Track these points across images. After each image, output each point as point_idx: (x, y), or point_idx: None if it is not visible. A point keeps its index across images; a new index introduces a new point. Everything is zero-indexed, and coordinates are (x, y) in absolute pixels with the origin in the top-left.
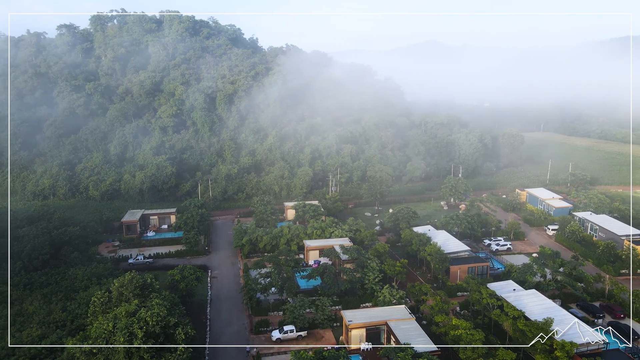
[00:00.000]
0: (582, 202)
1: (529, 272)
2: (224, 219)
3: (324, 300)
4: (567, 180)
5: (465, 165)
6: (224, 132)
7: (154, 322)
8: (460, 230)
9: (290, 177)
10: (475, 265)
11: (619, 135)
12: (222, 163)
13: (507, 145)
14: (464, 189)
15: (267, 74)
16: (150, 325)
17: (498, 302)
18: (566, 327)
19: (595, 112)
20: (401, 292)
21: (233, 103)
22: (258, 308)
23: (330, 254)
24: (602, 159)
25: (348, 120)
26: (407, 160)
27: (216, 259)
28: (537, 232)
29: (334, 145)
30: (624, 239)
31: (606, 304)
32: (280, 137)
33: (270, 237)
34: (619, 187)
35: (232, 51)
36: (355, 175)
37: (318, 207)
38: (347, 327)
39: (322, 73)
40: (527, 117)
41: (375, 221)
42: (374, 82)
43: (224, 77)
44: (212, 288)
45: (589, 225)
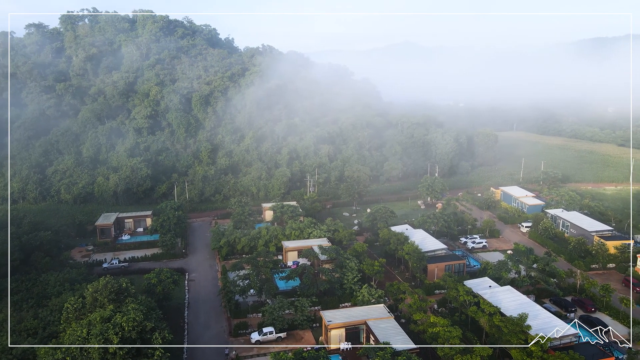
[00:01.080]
0: (554, 200)
1: (504, 269)
2: (201, 221)
3: (303, 301)
4: (540, 179)
5: (441, 165)
6: (201, 133)
7: (129, 327)
8: (437, 229)
9: (267, 178)
10: (452, 263)
11: (588, 134)
12: (198, 164)
13: (482, 144)
14: (440, 188)
15: (244, 75)
16: (126, 330)
17: (474, 299)
18: (540, 322)
19: (566, 111)
20: (380, 292)
21: (209, 104)
22: (237, 310)
23: (309, 255)
24: (573, 157)
25: (325, 120)
26: (385, 160)
27: (194, 262)
28: (512, 229)
29: (311, 145)
30: (593, 235)
31: (578, 299)
32: (258, 138)
33: (249, 238)
34: (589, 184)
35: (207, 51)
36: (333, 176)
37: (296, 208)
38: (327, 327)
39: (299, 73)
40: (501, 116)
41: (354, 221)
42: (351, 83)
43: (199, 78)
44: (190, 291)
45: (561, 222)
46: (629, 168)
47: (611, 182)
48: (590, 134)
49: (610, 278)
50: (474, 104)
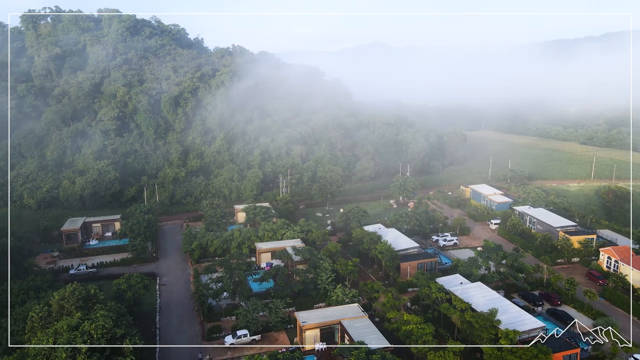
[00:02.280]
0: (521, 197)
1: (475, 266)
2: (172, 224)
3: (277, 303)
4: (507, 176)
5: (412, 164)
6: (170, 135)
7: (98, 334)
8: (410, 228)
9: (239, 180)
10: (425, 261)
11: (552, 132)
12: (168, 166)
13: (452, 143)
14: (412, 187)
15: (214, 76)
16: (95, 338)
17: (446, 296)
18: (509, 317)
19: (531, 111)
20: (354, 291)
21: (179, 105)
22: (210, 314)
23: (283, 256)
24: (539, 156)
25: (297, 121)
26: (357, 160)
27: (165, 266)
28: (481, 226)
29: (283, 146)
30: (559, 231)
31: (545, 292)
32: (229, 139)
33: (221, 241)
34: (554, 181)
35: (176, 52)
36: (306, 176)
37: (269, 209)
38: (301, 328)
39: (270, 74)
40: (470, 116)
41: (327, 221)
42: (322, 83)
43: (168, 79)
44: (161, 296)
45: (528, 218)
46: (591, 165)
47: (574, 179)
48: (555, 133)
49: (574, 272)
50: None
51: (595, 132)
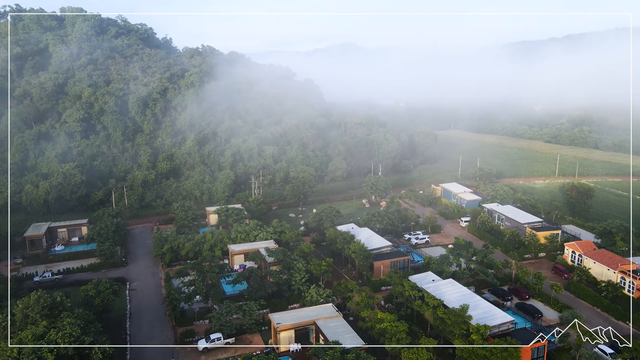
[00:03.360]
0: (490, 195)
1: (446, 263)
2: (142, 228)
3: (251, 305)
4: (476, 175)
5: (384, 164)
6: (139, 136)
7: (66, 343)
8: (382, 227)
9: (211, 181)
10: (397, 260)
11: (519, 131)
12: (137, 169)
13: (423, 143)
14: (384, 186)
15: (183, 76)
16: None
17: (419, 293)
18: (480, 312)
19: (498, 110)
20: (328, 291)
21: (147, 106)
22: (182, 318)
23: (256, 257)
24: (506, 154)
25: (269, 122)
26: (329, 160)
27: (135, 270)
28: (452, 224)
29: (255, 147)
30: (526, 227)
31: (513, 287)
32: (200, 140)
33: (193, 243)
34: (521, 179)
35: (144, 52)
36: (278, 177)
37: (241, 211)
38: (276, 329)
39: (241, 75)
40: (440, 115)
41: (300, 222)
42: (293, 84)
43: (136, 79)
44: (132, 301)
45: (496, 215)
46: (556, 163)
47: (540, 176)
48: (521, 132)
49: (541, 266)
50: (414, 103)
51: (559, 130)
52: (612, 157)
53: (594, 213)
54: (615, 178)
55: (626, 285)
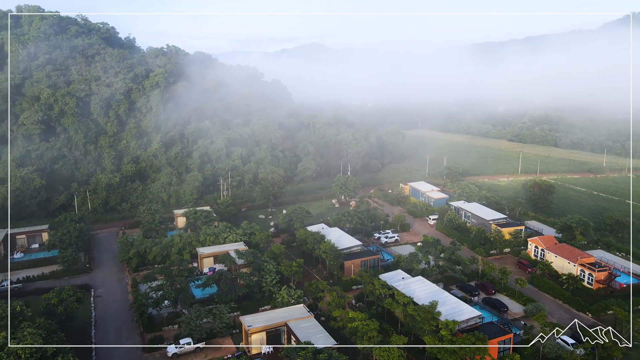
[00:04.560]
0: (457, 193)
1: (415, 261)
2: (107, 232)
3: (222, 308)
4: (443, 173)
5: (353, 163)
6: (102, 138)
7: (27, 354)
8: (352, 226)
9: (178, 184)
10: (367, 259)
11: (483, 130)
12: (101, 172)
13: (390, 142)
14: (353, 186)
15: (148, 76)
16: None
17: (389, 292)
18: (449, 308)
19: (463, 110)
20: (299, 292)
21: (111, 107)
22: (150, 324)
23: (226, 260)
24: (471, 153)
25: (237, 123)
26: (298, 161)
27: (100, 277)
28: (420, 222)
29: (223, 148)
30: (491, 223)
31: (480, 283)
32: (166, 142)
33: (160, 247)
34: (486, 177)
35: (106, 51)
36: (247, 178)
37: (210, 213)
38: (247, 332)
39: (207, 75)
40: (407, 115)
41: (270, 223)
42: (261, 84)
43: (98, 80)
44: (97, 308)
45: (463, 213)
46: (518, 161)
47: (504, 174)
48: (485, 131)
49: (506, 261)
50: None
51: (521, 129)
52: (570, 155)
53: (554, 209)
54: (574, 175)
55: (585, 278)
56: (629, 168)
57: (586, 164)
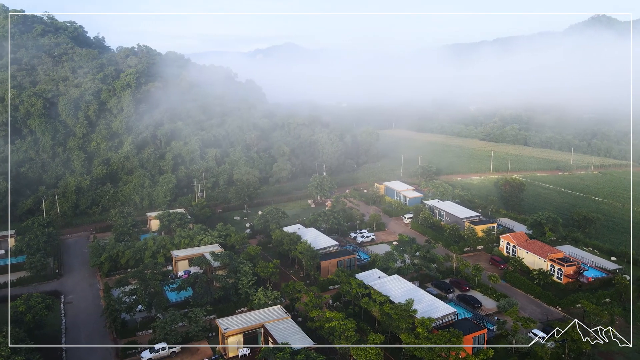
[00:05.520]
0: (431, 192)
1: (391, 259)
2: (77, 237)
3: (197, 311)
4: (418, 172)
5: (328, 164)
6: (71, 140)
7: None
8: (328, 226)
9: (151, 186)
10: (344, 258)
11: (455, 130)
12: (70, 175)
13: (365, 142)
14: (329, 186)
15: (118, 77)
16: None
17: (366, 291)
18: (424, 305)
19: (436, 109)
20: (276, 293)
21: (80, 108)
22: (124, 329)
23: (201, 263)
24: (444, 152)
25: (211, 123)
26: (273, 162)
27: (70, 282)
28: (396, 221)
29: (197, 149)
30: (465, 221)
31: (455, 280)
32: (138, 143)
33: (133, 251)
34: (459, 175)
35: (74, 51)
36: (222, 180)
37: (184, 215)
38: (224, 335)
39: (180, 75)
40: (381, 115)
41: (245, 224)
42: (235, 84)
43: (66, 80)
44: (67, 315)
45: (437, 211)
46: (490, 159)
47: (476, 172)
48: (458, 130)
49: (479, 258)
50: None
51: (492, 129)
52: (540, 153)
53: (525, 206)
54: (543, 172)
55: (555, 272)
56: (594, 165)
57: (555, 162)
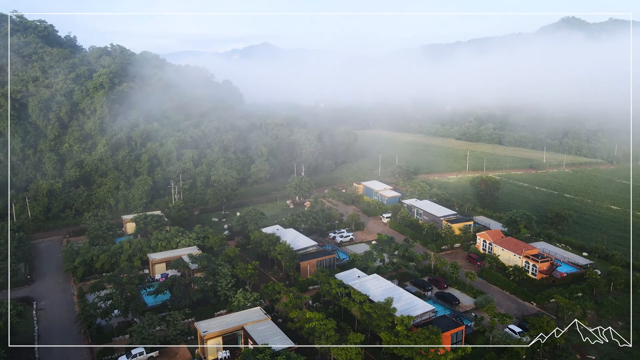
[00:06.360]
0: (409, 191)
1: (370, 259)
2: (49, 241)
3: (175, 315)
4: (395, 172)
5: (307, 164)
6: (42, 142)
7: None
8: (307, 227)
9: (127, 188)
10: (323, 259)
11: (432, 129)
12: (42, 178)
13: (343, 142)
14: (307, 186)
15: (91, 77)
16: None
17: (346, 290)
18: (404, 303)
19: (413, 109)
20: (255, 294)
21: (51, 109)
22: (99, 335)
23: (178, 265)
24: (421, 151)
25: (187, 124)
26: (251, 162)
27: (42, 288)
28: (374, 221)
29: (174, 151)
30: (442, 220)
31: (433, 278)
32: (112, 145)
33: (108, 255)
34: (436, 174)
35: (44, 50)
36: (199, 181)
37: (161, 217)
38: (202, 338)
39: (155, 75)
40: (359, 115)
41: (224, 226)
42: (212, 85)
43: (36, 80)
44: (40, 322)
45: (415, 210)
46: (466, 158)
47: (453, 171)
48: (434, 130)
49: (457, 256)
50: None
51: (467, 128)
52: (514, 152)
53: (500, 204)
54: (518, 171)
55: (530, 269)
56: (566, 163)
57: (528, 161)
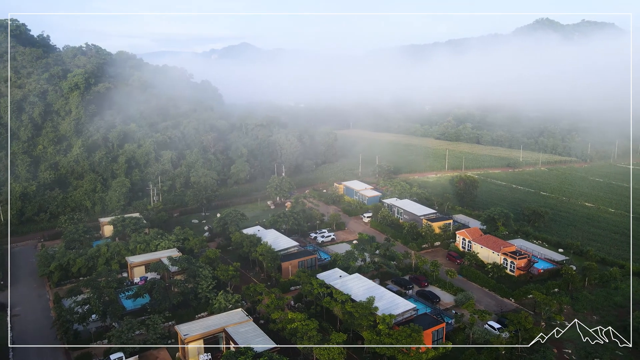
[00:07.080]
0: (389, 190)
1: (351, 258)
2: (23, 246)
3: (155, 318)
4: (376, 172)
5: (287, 164)
6: (15, 144)
7: None
8: (288, 227)
9: (104, 190)
10: (305, 259)
11: (412, 129)
12: (14, 180)
13: (323, 142)
14: (288, 187)
15: (66, 77)
16: None
17: (327, 290)
18: (385, 302)
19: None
20: (237, 296)
21: (23, 110)
22: (77, 341)
23: (158, 268)
24: (401, 151)
25: (165, 125)
26: (231, 163)
27: (16, 294)
28: (355, 220)
29: (152, 152)
30: (422, 219)
31: (414, 276)
32: (88, 146)
33: (85, 258)
34: (416, 174)
35: (16, 50)
36: (178, 182)
37: (140, 220)
38: (183, 341)
39: (132, 75)
40: (339, 115)
41: (204, 227)
42: (190, 85)
43: (7, 80)
44: (14, 329)
45: (396, 209)
46: (445, 158)
47: (432, 170)
48: (414, 130)
49: (437, 254)
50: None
51: (446, 128)
52: (491, 151)
53: (479, 202)
54: (495, 169)
55: (508, 266)
56: (542, 162)
57: (505, 159)
